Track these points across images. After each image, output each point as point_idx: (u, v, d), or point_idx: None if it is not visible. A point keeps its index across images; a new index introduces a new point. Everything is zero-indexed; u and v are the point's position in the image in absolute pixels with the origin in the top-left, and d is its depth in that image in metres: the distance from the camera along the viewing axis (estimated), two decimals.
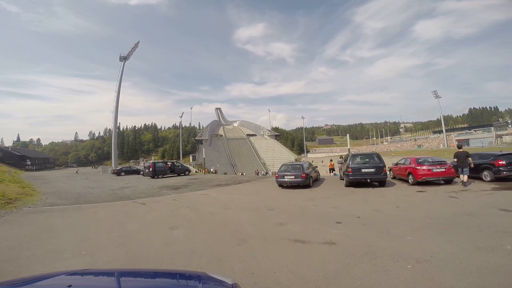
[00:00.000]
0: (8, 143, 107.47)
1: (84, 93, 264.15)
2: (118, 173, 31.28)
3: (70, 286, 1.28)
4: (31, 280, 1.51)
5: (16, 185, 18.32)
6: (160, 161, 27.42)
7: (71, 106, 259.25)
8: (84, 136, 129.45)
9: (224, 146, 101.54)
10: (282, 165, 14.12)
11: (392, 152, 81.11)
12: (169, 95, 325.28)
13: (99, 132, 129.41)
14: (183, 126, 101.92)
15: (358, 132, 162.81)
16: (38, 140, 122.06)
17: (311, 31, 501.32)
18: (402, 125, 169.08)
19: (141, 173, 27.90)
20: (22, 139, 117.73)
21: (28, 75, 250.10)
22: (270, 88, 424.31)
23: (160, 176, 23.61)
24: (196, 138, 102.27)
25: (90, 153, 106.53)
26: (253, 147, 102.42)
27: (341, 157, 23.14)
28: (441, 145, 75.02)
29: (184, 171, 26.10)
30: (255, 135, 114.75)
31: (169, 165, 25.42)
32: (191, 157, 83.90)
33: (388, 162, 14.22)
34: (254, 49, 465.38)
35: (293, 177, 12.51)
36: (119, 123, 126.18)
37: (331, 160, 26.51)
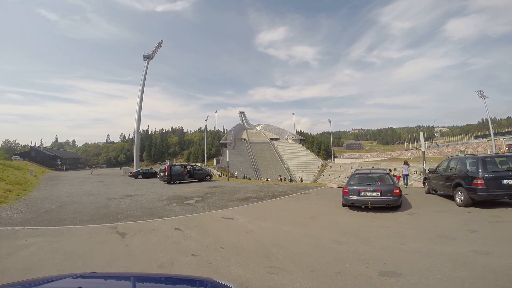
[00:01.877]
0: (47, 143, 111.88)
1: (117, 97, 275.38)
2: (135, 175, 28.04)
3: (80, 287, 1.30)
4: (39, 282, 1.51)
5: (6, 186, 15.17)
6: (177, 164, 23.02)
7: (105, 110, 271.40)
8: (115, 138, 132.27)
9: (247, 150, 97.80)
10: (355, 174, 9.22)
11: (432, 159, 72.31)
12: (195, 99, 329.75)
13: (129, 135, 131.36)
14: (208, 130, 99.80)
15: (389, 136, 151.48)
16: (73, 141, 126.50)
17: (334, 33, 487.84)
18: (437, 129, 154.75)
19: (157, 176, 24.34)
20: (60, 140, 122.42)
21: (67, 80, 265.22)
22: (293, 92, 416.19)
23: (176, 182, 19.68)
24: (220, 141, 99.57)
25: (120, 155, 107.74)
26: (277, 151, 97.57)
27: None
28: (489, 150, 65.34)
29: (205, 176, 22.01)
30: (279, 139, 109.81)
31: (188, 169, 21.49)
32: (215, 160, 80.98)
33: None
34: (276, 53, 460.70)
35: (378, 194, 7.64)
36: (148, 126, 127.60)
37: (393, 170, 20.99)
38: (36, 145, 72.02)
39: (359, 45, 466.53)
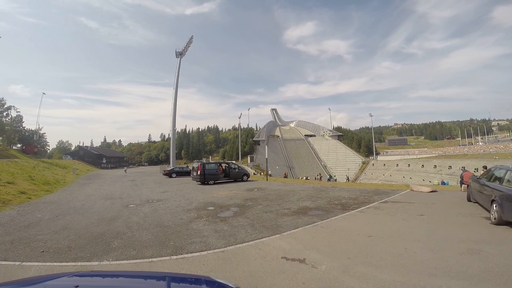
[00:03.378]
0: (97, 143, 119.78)
1: (157, 99, 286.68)
2: (169, 174, 25.97)
3: (77, 286, 1.26)
4: (38, 280, 1.51)
5: (28, 186, 13.41)
6: (212, 161, 19.76)
7: (147, 112, 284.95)
8: (156, 137, 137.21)
9: (281, 147, 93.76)
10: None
11: (495, 155, 61.34)
12: (229, 98, 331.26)
13: (168, 134, 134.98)
14: (241, 128, 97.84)
15: (437, 131, 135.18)
16: (119, 141, 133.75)
17: (367, 25, 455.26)
18: (494, 123, 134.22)
19: (190, 175, 21.79)
20: (107, 140, 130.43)
21: (113, 85, 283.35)
22: (327, 87, 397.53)
23: (210, 182, 16.70)
24: (254, 139, 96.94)
25: (160, 153, 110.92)
26: (312, 148, 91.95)
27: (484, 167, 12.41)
28: None
29: (242, 176, 18.76)
30: (314, 135, 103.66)
31: (223, 168, 18.44)
32: (249, 158, 78.68)
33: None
34: (306, 48, 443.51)
35: None
36: (185, 125, 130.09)
37: (464, 169, 15.85)
38: (86, 145, 76.31)
39: (396, 36, 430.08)
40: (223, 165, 19.09)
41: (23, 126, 54.44)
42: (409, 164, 64.87)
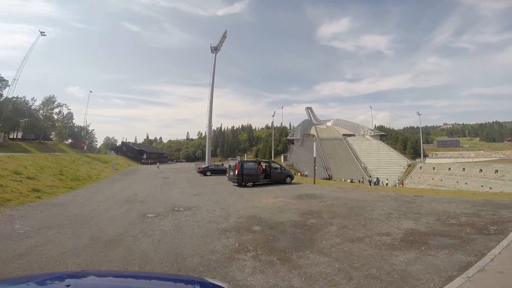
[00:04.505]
0: (140, 140, 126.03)
1: (196, 99, 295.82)
2: (203, 172, 23.82)
3: (69, 286, 1.24)
4: (29, 279, 1.43)
5: (51, 182, 11.84)
6: (251, 160, 16.49)
7: (186, 111, 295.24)
8: (194, 135, 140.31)
9: (317, 147, 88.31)
10: None
11: None
12: (262, 97, 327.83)
13: (205, 132, 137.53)
14: (275, 126, 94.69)
15: (495, 132, 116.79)
16: (160, 138, 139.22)
17: (408, 19, 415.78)
18: None
19: (227, 175, 19.25)
20: (150, 137, 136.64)
21: (156, 86, 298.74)
22: (367, 84, 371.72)
23: (249, 185, 13.82)
24: (288, 137, 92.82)
25: (197, 150, 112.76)
26: (351, 149, 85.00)
27: None
28: None
29: (285, 178, 15.55)
30: (353, 135, 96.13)
31: (263, 167, 15.48)
32: (282, 157, 75.16)
33: None
34: (342, 45, 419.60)
35: None
36: (221, 124, 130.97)
37: None
38: (129, 142, 79.76)
39: (443, 30, 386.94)
40: (263, 164, 16.12)
41: (73, 122, 58.36)
42: (463, 168, 56.06)
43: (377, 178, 40.52)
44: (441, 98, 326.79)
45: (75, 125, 59.43)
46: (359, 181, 40.87)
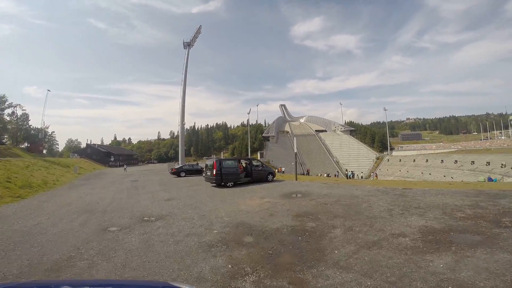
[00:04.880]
0: (107, 142, 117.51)
1: (167, 98, 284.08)
2: (177, 173, 22.00)
3: None
4: None
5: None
6: (230, 158, 14.91)
7: (157, 110, 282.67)
8: (166, 135, 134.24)
9: (291, 143, 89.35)
10: None
11: None
12: (237, 96, 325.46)
13: (177, 131, 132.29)
14: (250, 124, 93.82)
15: (452, 126, 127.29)
16: (129, 139, 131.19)
17: (377, 19, 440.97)
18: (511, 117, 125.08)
19: (203, 175, 17.81)
20: (118, 138, 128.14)
21: (123, 84, 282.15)
22: (337, 82, 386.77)
23: (229, 185, 12.62)
24: (263, 135, 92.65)
25: (170, 150, 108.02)
26: (323, 144, 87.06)
27: None
28: None
29: (267, 175, 14.60)
30: (325, 130, 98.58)
31: (243, 166, 14.36)
32: (259, 154, 74.75)
33: None
34: (314, 44, 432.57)
35: None
36: (194, 122, 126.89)
37: None
38: (94, 143, 73.43)
39: (407, 30, 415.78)
40: (243, 162, 15.00)
41: (29, 124, 51.77)
42: (427, 160, 59.91)
43: (352, 171, 41.42)
44: (404, 95, 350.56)
45: (31, 127, 52.96)
46: (335, 175, 41.48)
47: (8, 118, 45.03)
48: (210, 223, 6.00)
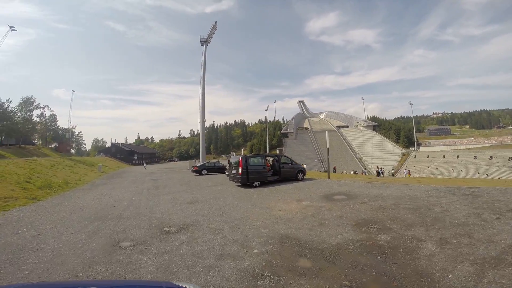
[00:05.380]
0: (131, 141, 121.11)
1: (186, 97, 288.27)
2: (199, 171, 21.03)
3: None
4: None
5: (11, 190, 8.96)
6: (256, 154, 12.98)
7: (177, 110, 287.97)
8: (186, 133, 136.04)
9: (311, 139, 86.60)
10: None
11: None
12: (253, 93, 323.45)
13: (197, 130, 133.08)
14: (268, 121, 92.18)
15: (484, 120, 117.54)
16: (152, 138, 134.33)
17: (395, 12, 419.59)
18: None
19: (226, 173, 16.57)
20: (141, 137, 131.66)
21: (144, 85, 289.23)
22: (356, 77, 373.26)
23: (256, 184, 11.24)
24: (282, 131, 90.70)
25: (190, 148, 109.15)
26: (345, 140, 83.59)
27: None
28: None
29: (297, 174, 13.03)
30: (347, 126, 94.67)
31: (270, 163, 12.89)
32: (277, 151, 73.08)
33: None
34: (330, 39, 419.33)
35: None
36: (213, 121, 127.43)
37: None
38: (118, 143, 75.19)
39: (428, 24, 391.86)
40: (269, 158, 13.51)
41: (58, 125, 53.83)
42: (458, 156, 55.27)
43: (381, 168, 38.75)
44: (428, 89, 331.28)
45: (59, 127, 55.07)
46: (362, 173, 38.95)
47: (37, 119, 46.94)
48: (245, 238, 4.60)
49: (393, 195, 7.85)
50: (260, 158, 12.11)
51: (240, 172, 10.99)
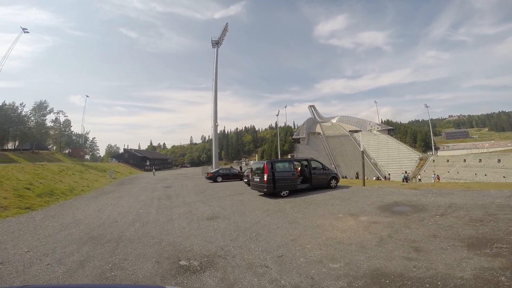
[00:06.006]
0: (144, 147, 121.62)
1: (197, 103, 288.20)
2: (213, 178, 19.30)
3: None
4: None
5: (3, 198, 7.48)
6: (283, 159, 10.32)
7: (189, 116, 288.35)
8: (197, 139, 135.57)
9: (323, 145, 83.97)
10: None
11: None
12: (263, 99, 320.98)
13: (209, 136, 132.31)
14: (279, 126, 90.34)
15: (504, 122, 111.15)
16: (164, 144, 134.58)
17: (404, 13, 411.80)
18: None
19: (244, 180, 14.77)
20: (153, 144, 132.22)
21: (156, 91, 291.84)
22: (367, 80, 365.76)
23: (284, 194, 9.39)
24: (293, 137, 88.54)
25: (202, 154, 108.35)
26: (359, 145, 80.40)
27: None
28: None
29: (330, 180, 11.10)
30: (360, 130, 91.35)
31: (299, 169, 10.98)
32: (289, 156, 70.95)
33: None
34: (340, 42, 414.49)
35: None
36: (224, 126, 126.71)
37: None
38: (131, 148, 74.83)
39: (440, 24, 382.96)
40: (296, 163, 11.59)
41: (72, 130, 53.83)
42: (480, 159, 51.47)
43: (407, 174, 36.31)
44: (443, 91, 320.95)
45: (73, 133, 55.09)
46: (385, 178, 36.37)
47: (51, 124, 46.76)
48: (310, 281, 2.77)
49: (471, 203, 5.91)
50: (289, 163, 10.19)
51: (265, 179, 9.14)
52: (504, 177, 38.73)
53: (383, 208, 6.37)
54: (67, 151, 51.71)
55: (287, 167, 9.88)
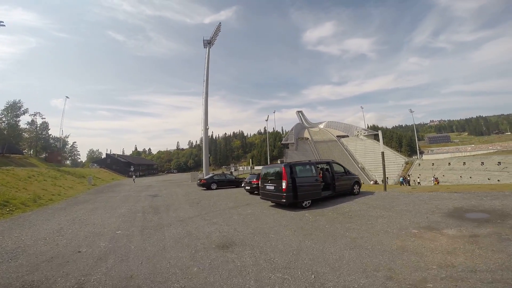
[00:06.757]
0: (128, 153, 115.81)
1: (184, 108, 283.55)
2: (207, 185, 16.93)
3: None
4: None
5: None
6: (302, 161, 8.37)
7: (175, 121, 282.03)
8: (184, 145, 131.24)
9: (312, 150, 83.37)
10: None
11: None
12: (251, 104, 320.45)
13: (196, 141, 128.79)
14: (268, 132, 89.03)
15: (481, 126, 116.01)
16: (149, 149, 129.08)
17: (389, 21, 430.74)
18: None
19: (246, 187, 12.59)
20: (138, 149, 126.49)
21: (142, 96, 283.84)
22: (353, 86, 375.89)
23: (306, 204, 7.37)
24: (282, 142, 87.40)
25: (189, 160, 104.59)
26: (346, 150, 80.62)
27: None
28: None
29: (352, 186, 9.21)
30: (347, 136, 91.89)
31: (322, 173, 8.98)
32: (279, 162, 69.39)
33: None
34: (327, 49, 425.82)
35: None
36: (212, 132, 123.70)
37: None
38: (114, 153, 69.83)
39: (421, 31, 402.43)
40: (319, 166, 9.41)
41: (49, 134, 48.88)
42: (464, 162, 52.53)
43: (403, 177, 35.57)
44: (424, 97, 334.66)
45: (51, 136, 50.21)
46: (375, 182, 35.45)
47: (26, 126, 42.19)
48: None
49: None
50: (310, 166, 8.15)
51: (283, 186, 7.09)
52: (488, 179, 39.19)
53: (454, 216, 4.66)
54: (43, 156, 46.93)
55: (309, 172, 7.88)
